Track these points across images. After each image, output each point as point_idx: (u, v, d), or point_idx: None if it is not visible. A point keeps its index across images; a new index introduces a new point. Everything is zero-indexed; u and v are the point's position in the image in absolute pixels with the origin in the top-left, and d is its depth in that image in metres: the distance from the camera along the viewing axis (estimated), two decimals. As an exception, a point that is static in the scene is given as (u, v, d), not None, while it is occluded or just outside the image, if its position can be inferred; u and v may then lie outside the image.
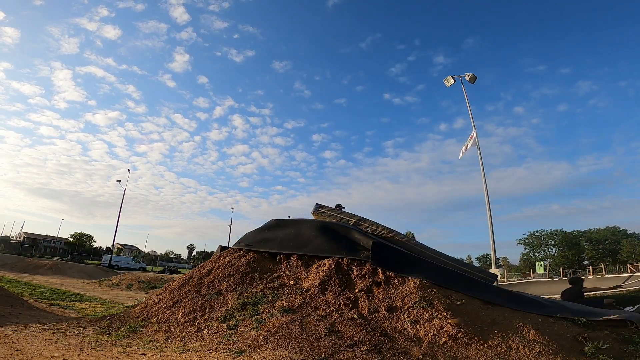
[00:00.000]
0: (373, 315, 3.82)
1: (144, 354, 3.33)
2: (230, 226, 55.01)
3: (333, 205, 7.48)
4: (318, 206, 7.43)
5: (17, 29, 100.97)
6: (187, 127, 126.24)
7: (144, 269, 40.70)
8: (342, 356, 3.01)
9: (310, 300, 4.21)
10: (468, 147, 16.45)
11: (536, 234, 62.47)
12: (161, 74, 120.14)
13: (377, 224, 6.98)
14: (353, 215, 7.42)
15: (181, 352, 3.35)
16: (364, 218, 7.35)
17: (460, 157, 16.89)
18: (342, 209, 8.11)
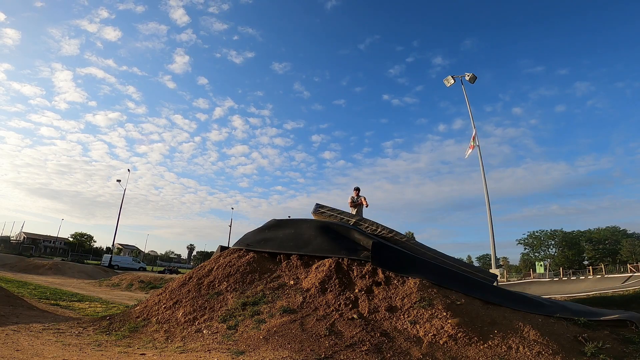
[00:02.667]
0: (373, 315, 3.81)
1: (144, 354, 3.33)
2: (230, 226, 55.00)
3: (335, 205, 7.55)
4: (318, 206, 7.44)
5: (18, 30, 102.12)
6: (187, 128, 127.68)
7: (144, 269, 40.71)
8: (342, 356, 3.01)
9: (310, 300, 4.20)
10: (473, 147, 16.46)
11: (536, 234, 62.46)
12: (161, 75, 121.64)
13: (377, 224, 6.98)
14: (353, 215, 7.42)
15: (181, 352, 3.34)
16: (364, 218, 7.35)
17: (466, 156, 16.88)
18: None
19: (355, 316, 3.78)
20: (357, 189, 8.72)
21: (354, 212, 8.02)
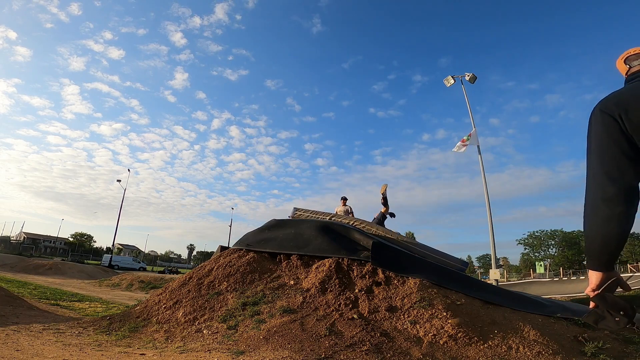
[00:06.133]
0: (373, 315, 3.81)
1: (144, 354, 3.33)
2: (231, 226, 55.09)
3: (328, 208, 7.66)
4: (295, 209, 7.62)
5: (29, 48, 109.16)
6: (187, 138, 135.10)
7: (144, 269, 40.72)
8: (342, 356, 3.00)
9: (310, 300, 4.20)
10: (465, 143, 16.33)
11: (536, 234, 62.47)
12: (162, 90, 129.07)
13: (372, 224, 6.99)
14: (328, 214, 7.48)
15: (181, 352, 3.34)
16: (366, 221, 7.33)
17: (456, 150, 16.66)
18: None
19: (355, 316, 3.78)
20: (344, 199, 8.88)
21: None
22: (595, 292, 1.19)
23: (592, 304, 1.22)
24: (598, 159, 1.17)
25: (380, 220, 8.32)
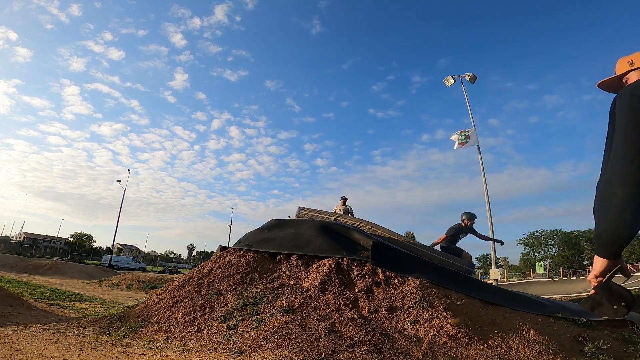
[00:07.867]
0: (373, 315, 3.81)
1: (144, 354, 3.33)
2: (231, 226, 55.14)
3: (328, 207, 7.71)
4: (300, 209, 7.67)
5: (29, 49, 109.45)
6: (187, 138, 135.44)
7: (144, 269, 40.76)
8: (342, 356, 3.00)
9: (310, 300, 4.20)
10: (463, 142, 16.20)
11: (536, 234, 62.53)
12: (162, 91, 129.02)
13: (377, 225, 6.99)
14: (333, 214, 7.49)
15: (181, 352, 3.34)
16: (365, 221, 7.36)
17: (454, 139, 16.58)
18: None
19: (355, 316, 3.78)
20: (344, 199, 8.89)
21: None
22: (599, 280, 1.18)
23: (592, 291, 1.21)
24: (621, 141, 1.08)
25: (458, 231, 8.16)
